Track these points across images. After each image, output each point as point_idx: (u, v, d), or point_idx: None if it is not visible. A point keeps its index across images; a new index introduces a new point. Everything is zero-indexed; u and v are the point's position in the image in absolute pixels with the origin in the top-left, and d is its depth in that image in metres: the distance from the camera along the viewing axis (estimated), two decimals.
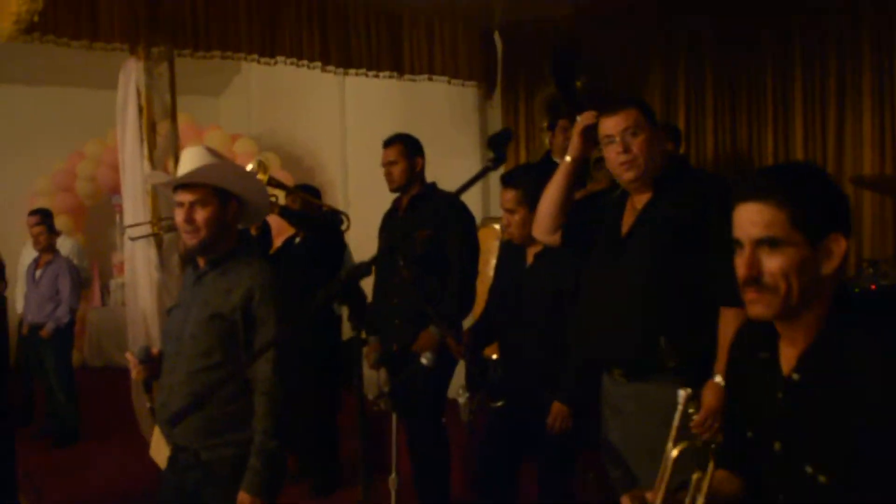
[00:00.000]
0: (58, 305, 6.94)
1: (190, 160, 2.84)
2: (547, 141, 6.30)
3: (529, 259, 3.81)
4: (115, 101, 5.77)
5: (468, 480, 4.93)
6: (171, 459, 2.98)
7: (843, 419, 1.67)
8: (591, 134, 3.07)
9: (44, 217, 7.10)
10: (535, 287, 3.74)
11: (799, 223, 1.71)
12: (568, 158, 3.14)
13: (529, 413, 3.69)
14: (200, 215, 2.80)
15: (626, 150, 2.88)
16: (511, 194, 3.75)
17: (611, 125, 2.92)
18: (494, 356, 4.35)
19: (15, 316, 7.39)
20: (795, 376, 1.77)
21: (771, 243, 1.72)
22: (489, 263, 4.87)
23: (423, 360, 2.90)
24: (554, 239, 3.25)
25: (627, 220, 3.02)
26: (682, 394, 1.80)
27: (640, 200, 3.00)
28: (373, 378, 5.67)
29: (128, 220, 5.74)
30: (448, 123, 7.57)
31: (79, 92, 9.72)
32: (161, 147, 5.64)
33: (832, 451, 1.69)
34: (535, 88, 7.01)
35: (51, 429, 7.12)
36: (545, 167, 4.99)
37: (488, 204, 7.37)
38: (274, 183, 5.24)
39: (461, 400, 5.38)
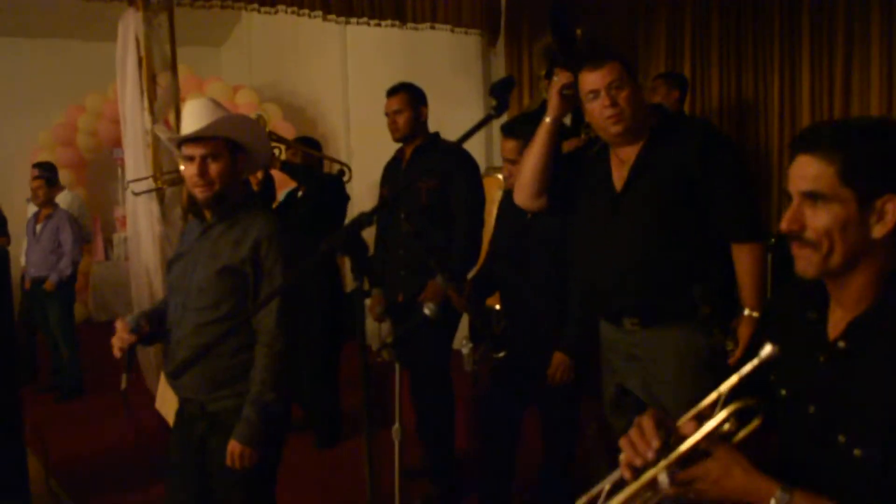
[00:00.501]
0: (60, 258, 6.95)
1: (197, 113, 2.81)
2: (545, 90, 6.25)
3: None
4: (114, 54, 5.71)
5: (471, 431, 4.96)
6: (179, 412, 3.00)
7: (887, 394, 1.60)
8: (569, 93, 3.04)
9: (43, 171, 7.10)
10: (536, 237, 3.71)
11: (848, 179, 1.61)
12: (547, 119, 3.08)
13: (532, 363, 3.69)
14: (214, 168, 2.79)
15: (613, 103, 2.86)
16: (512, 144, 3.71)
17: (595, 79, 2.88)
18: (497, 306, 4.34)
19: (17, 271, 7.40)
20: (841, 343, 1.69)
21: (815, 198, 1.64)
22: (492, 214, 4.85)
23: (426, 311, 2.88)
24: (539, 203, 3.21)
25: (618, 174, 3.00)
26: (769, 348, 1.65)
27: (626, 153, 2.98)
28: (375, 330, 5.67)
29: (129, 173, 5.71)
30: (450, 73, 7.50)
31: (78, 44, 9.65)
32: (161, 99, 5.59)
33: (870, 424, 1.62)
34: (539, 37, 6.92)
35: (55, 383, 7.16)
36: (542, 116, 4.95)
37: (491, 154, 7.33)
38: (274, 137, 5.21)
39: (464, 350, 5.38)
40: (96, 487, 4.82)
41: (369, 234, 4.60)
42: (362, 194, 7.30)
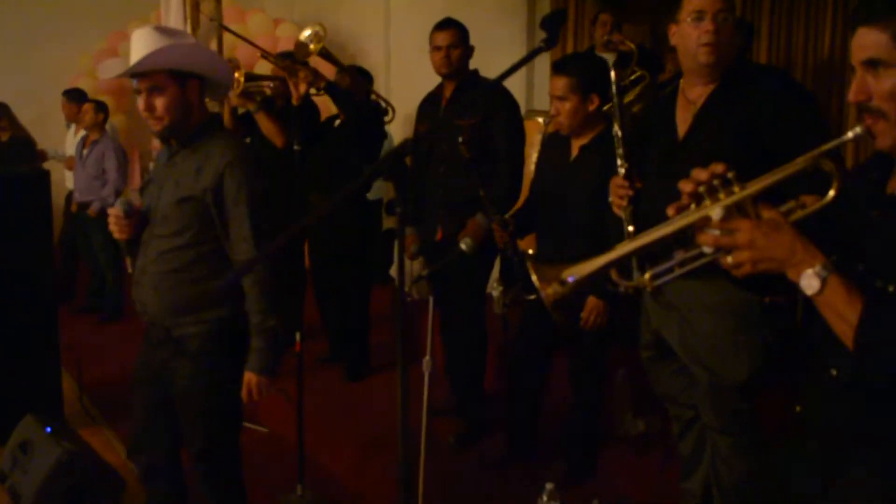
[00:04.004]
0: (104, 185, 7.01)
1: (140, 44, 2.74)
2: (595, 37, 6.19)
3: (574, 151, 3.75)
4: None
5: (500, 372, 4.99)
6: (145, 336, 3.03)
7: None
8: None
9: (82, 96, 7.21)
10: (578, 180, 3.68)
11: None
12: None
13: (565, 307, 3.68)
14: (160, 102, 2.76)
15: (718, 31, 2.73)
16: (563, 81, 3.64)
17: (707, 2, 2.74)
18: (531, 251, 4.32)
19: (62, 193, 7.50)
20: None
21: (875, 65, 1.63)
22: (531, 157, 4.81)
23: (463, 246, 2.87)
24: None
25: (682, 117, 2.89)
26: (858, 129, 1.64)
27: (696, 93, 2.86)
28: (407, 270, 5.66)
29: None
30: (494, 16, 7.38)
31: None
32: (204, 27, 5.56)
33: None
34: None
35: (97, 304, 7.29)
36: (591, 58, 4.88)
37: (532, 96, 7.25)
38: (325, 52, 5.13)
39: (495, 293, 5.39)
40: (128, 408, 4.91)
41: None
42: (400, 130, 7.27)
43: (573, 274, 1.76)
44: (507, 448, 4.15)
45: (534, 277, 1.72)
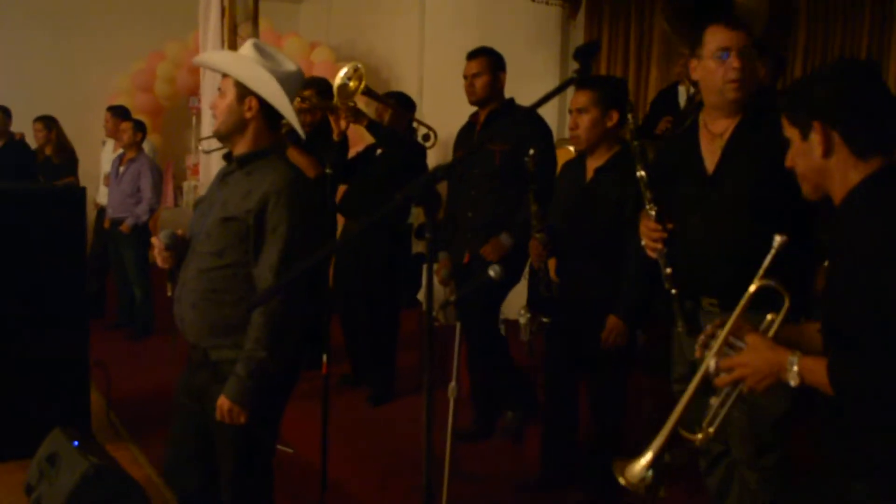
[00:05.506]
0: (138, 203, 7.09)
1: (240, 50, 2.93)
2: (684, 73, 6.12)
3: (589, 174, 3.76)
4: (197, 3, 5.78)
5: None
6: (188, 357, 3.00)
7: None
8: None
9: (115, 114, 7.35)
10: (593, 202, 3.70)
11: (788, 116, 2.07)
12: None
13: (585, 330, 3.68)
14: (219, 104, 2.84)
15: (744, 67, 2.79)
16: (585, 95, 3.66)
17: (731, 38, 2.81)
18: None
19: (93, 209, 7.60)
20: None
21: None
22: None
23: (491, 273, 2.88)
24: None
25: (709, 149, 2.91)
26: (778, 239, 2.12)
27: (719, 126, 2.89)
28: (438, 295, 5.67)
29: (206, 122, 5.79)
30: (527, 44, 7.41)
31: None
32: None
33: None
34: (621, 9, 6.81)
35: (128, 322, 7.35)
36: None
37: (564, 125, 7.25)
38: (368, 93, 5.17)
39: (521, 320, 5.39)
40: (155, 425, 4.93)
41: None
42: (433, 157, 7.31)
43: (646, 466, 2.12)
44: (541, 470, 4.12)
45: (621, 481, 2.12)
